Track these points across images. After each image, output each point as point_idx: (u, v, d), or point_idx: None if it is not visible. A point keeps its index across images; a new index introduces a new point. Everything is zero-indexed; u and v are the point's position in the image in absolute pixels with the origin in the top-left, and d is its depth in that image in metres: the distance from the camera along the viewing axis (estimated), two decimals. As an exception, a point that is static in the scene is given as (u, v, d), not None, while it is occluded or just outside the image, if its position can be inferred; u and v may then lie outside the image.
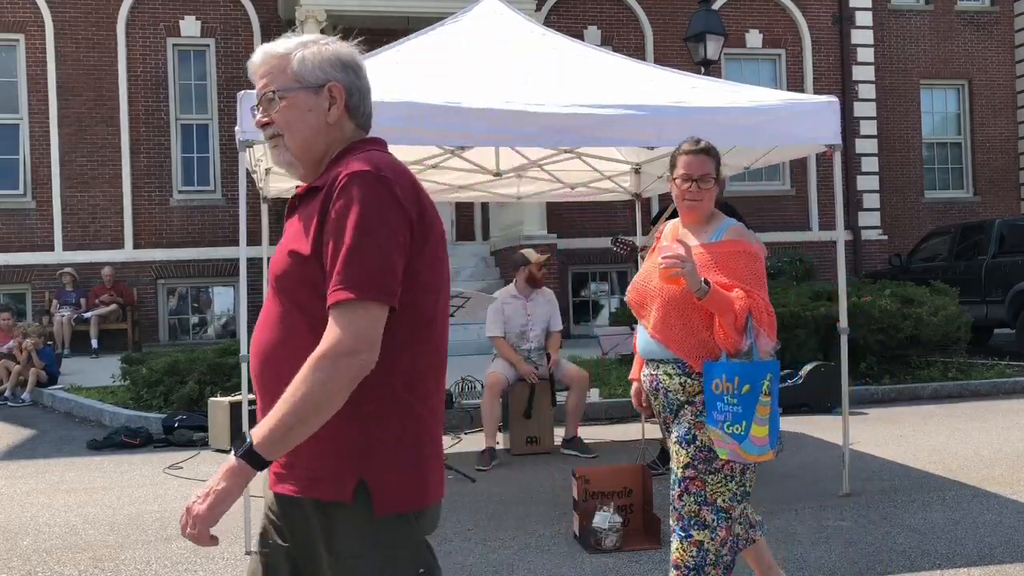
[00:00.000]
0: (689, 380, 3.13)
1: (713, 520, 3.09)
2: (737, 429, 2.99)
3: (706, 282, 2.99)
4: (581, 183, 7.90)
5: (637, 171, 7.73)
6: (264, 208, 7.78)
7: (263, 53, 1.89)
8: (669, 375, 3.17)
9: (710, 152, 3.24)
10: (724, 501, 3.09)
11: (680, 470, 3.13)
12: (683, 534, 3.12)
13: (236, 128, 4.76)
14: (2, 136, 14.29)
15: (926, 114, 17.65)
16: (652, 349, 3.22)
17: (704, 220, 3.28)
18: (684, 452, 3.12)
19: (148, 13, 14.45)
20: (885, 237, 16.55)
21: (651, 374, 3.25)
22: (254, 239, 9.25)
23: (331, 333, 1.67)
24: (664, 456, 6.25)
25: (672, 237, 3.32)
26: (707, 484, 3.09)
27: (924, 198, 17.41)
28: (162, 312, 14.59)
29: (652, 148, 6.79)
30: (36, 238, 14.17)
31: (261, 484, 1.90)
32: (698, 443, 3.09)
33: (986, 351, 11.72)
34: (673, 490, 3.16)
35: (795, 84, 16.26)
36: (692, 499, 3.11)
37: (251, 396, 6.45)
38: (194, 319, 14.87)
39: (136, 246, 14.38)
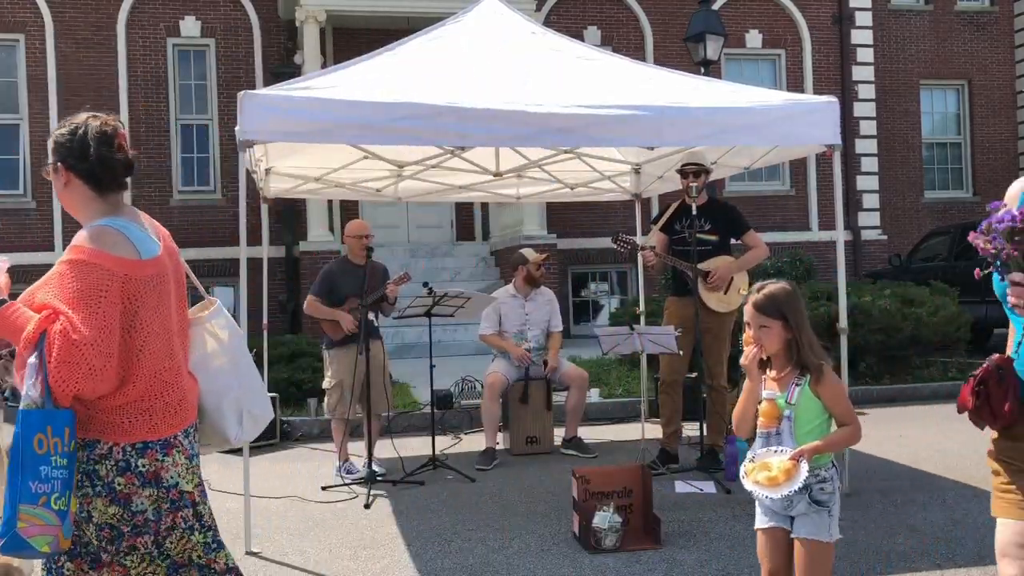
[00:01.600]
0: None
1: None
2: (62, 504, 2.22)
3: (7, 299, 2.41)
4: (581, 183, 7.90)
5: (637, 171, 7.74)
6: (264, 208, 7.78)
7: None
8: None
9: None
10: None
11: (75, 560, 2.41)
12: None
13: (236, 128, 4.76)
14: (2, 136, 14.29)
15: (926, 114, 17.64)
16: None
17: None
18: (84, 535, 2.40)
19: (148, 13, 14.45)
20: (885, 237, 16.55)
21: None
22: (254, 239, 9.25)
23: None
24: (664, 456, 6.26)
25: None
26: (129, 569, 2.44)
27: (924, 198, 17.41)
28: (162, 312, 14.57)
29: (652, 148, 6.81)
30: (36, 238, 14.17)
31: (262, 485, 1.89)
32: (95, 521, 2.38)
33: (986, 351, 11.70)
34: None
35: (795, 84, 16.26)
36: None
37: (251, 396, 6.45)
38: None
39: (136, 246, 14.36)
